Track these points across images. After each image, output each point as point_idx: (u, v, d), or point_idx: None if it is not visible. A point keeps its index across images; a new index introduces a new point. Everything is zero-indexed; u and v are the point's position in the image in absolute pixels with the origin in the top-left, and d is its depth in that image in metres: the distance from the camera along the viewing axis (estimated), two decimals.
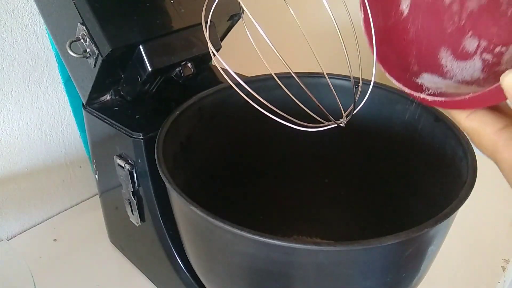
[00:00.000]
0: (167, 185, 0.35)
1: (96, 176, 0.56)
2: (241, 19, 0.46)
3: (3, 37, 0.53)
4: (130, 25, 0.43)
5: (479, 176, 0.36)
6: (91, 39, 0.42)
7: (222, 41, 0.56)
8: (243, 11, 0.36)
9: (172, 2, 0.47)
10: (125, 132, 0.45)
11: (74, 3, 0.42)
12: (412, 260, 0.34)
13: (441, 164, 0.42)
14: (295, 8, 0.41)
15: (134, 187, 0.47)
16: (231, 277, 0.36)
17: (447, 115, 0.33)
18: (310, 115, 0.38)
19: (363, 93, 0.41)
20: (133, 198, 0.48)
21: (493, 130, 0.29)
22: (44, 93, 0.59)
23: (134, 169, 0.46)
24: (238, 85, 0.36)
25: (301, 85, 0.35)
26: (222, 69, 0.35)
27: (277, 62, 0.35)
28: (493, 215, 0.67)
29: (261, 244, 0.31)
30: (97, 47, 0.42)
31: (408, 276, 0.36)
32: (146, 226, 0.50)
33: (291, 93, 0.39)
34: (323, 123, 0.38)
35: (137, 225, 0.51)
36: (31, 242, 0.62)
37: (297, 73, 0.37)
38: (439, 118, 0.43)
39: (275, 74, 0.40)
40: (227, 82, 0.39)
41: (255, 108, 0.36)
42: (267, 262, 0.32)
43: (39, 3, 0.48)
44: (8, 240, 0.62)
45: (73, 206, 0.69)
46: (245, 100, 0.37)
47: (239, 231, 0.30)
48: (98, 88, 0.48)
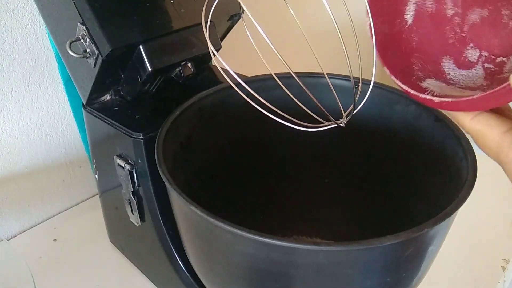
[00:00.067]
0: (167, 185, 0.35)
1: (96, 176, 0.56)
2: (241, 19, 0.46)
3: (3, 37, 0.53)
4: (130, 25, 0.43)
5: (479, 176, 0.36)
6: (91, 39, 0.42)
7: (222, 41, 0.56)
8: (243, 11, 0.36)
9: (172, 2, 0.47)
10: (125, 132, 0.45)
11: (74, 3, 0.42)
12: (412, 260, 0.34)
13: (441, 164, 0.42)
14: (295, 8, 0.41)
15: (134, 187, 0.47)
16: (231, 277, 0.36)
17: (450, 117, 0.33)
18: (310, 115, 0.38)
19: (363, 93, 0.41)
20: (133, 198, 0.48)
21: (498, 132, 0.30)
22: (44, 93, 0.59)
23: (134, 169, 0.46)
24: (238, 85, 0.36)
25: (301, 85, 0.35)
26: (222, 69, 0.35)
27: (277, 62, 0.35)
28: (493, 215, 0.67)
29: (261, 244, 0.31)
30: (97, 47, 0.42)
31: (408, 276, 0.36)
32: (146, 226, 0.50)
33: (291, 93, 0.39)
34: (323, 123, 0.38)
35: (137, 225, 0.51)
36: (31, 242, 0.62)
37: (297, 73, 0.37)
38: (439, 118, 0.43)
39: (275, 74, 0.40)
40: (227, 82, 0.39)
41: (255, 108, 0.36)
42: (267, 262, 0.32)
43: (39, 3, 0.48)
44: (8, 240, 0.62)
45: (73, 206, 0.69)
46: (245, 100, 0.37)
47: (239, 231, 0.30)
48: (98, 88, 0.48)
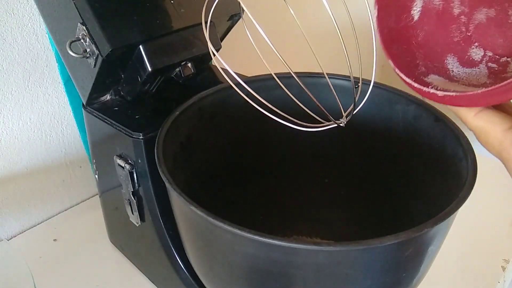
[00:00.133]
0: (167, 185, 0.35)
1: (96, 176, 0.56)
2: (241, 19, 0.46)
3: (3, 37, 0.53)
4: (130, 25, 0.43)
5: (479, 176, 0.36)
6: (91, 39, 0.42)
7: (222, 41, 0.56)
8: (243, 11, 0.36)
9: (172, 2, 0.47)
10: (125, 132, 0.45)
11: (74, 3, 0.42)
12: (412, 260, 0.34)
13: (441, 164, 0.42)
14: (295, 8, 0.41)
15: (134, 187, 0.47)
16: (231, 277, 0.36)
17: (453, 112, 0.33)
18: (310, 115, 0.38)
19: (363, 93, 0.41)
20: (133, 198, 0.48)
21: (500, 129, 0.30)
22: (44, 93, 0.59)
23: (134, 169, 0.46)
24: (238, 85, 0.36)
25: (301, 85, 0.35)
26: (222, 69, 0.35)
27: (277, 62, 0.35)
28: (493, 215, 0.67)
29: (261, 244, 0.31)
30: (97, 47, 0.42)
31: (408, 276, 0.36)
32: (146, 226, 0.50)
33: (291, 93, 0.39)
34: (323, 123, 0.38)
35: (137, 225, 0.51)
36: (31, 242, 0.62)
37: (297, 73, 0.37)
38: (439, 118, 0.43)
39: (275, 74, 0.40)
40: (227, 82, 0.39)
41: (255, 108, 0.36)
42: (267, 262, 0.32)
43: (39, 3, 0.48)
44: (8, 240, 0.62)
45: (73, 206, 0.69)
46: (245, 100, 0.37)
47: (239, 231, 0.30)
48: (98, 88, 0.48)
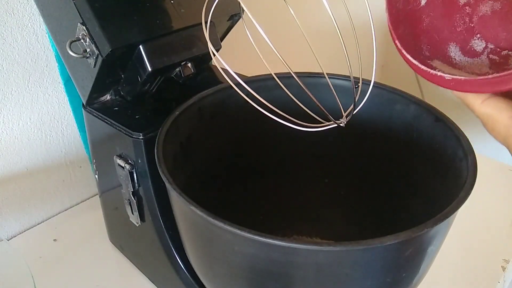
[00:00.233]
0: (167, 185, 0.35)
1: (96, 176, 0.56)
2: (241, 19, 0.46)
3: (3, 37, 0.53)
4: (130, 25, 0.43)
5: (479, 176, 0.36)
6: (91, 39, 0.42)
7: (222, 41, 0.56)
8: (243, 11, 0.36)
9: (172, 2, 0.47)
10: (125, 132, 0.45)
11: (74, 3, 0.42)
12: (412, 260, 0.34)
13: (441, 164, 0.42)
14: (295, 8, 0.41)
15: (134, 187, 0.47)
16: (231, 277, 0.36)
17: (460, 100, 0.33)
18: (310, 115, 0.38)
19: (363, 93, 0.41)
20: (133, 198, 0.48)
21: (508, 116, 0.30)
22: (44, 93, 0.59)
23: (134, 169, 0.46)
24: (238, 85, 0.36)
25: (301, 85, 0.35)
26: (222, 69, 0.35)
27: (277, 62, 0.35)
28: (493, 215, 0.67)
29: (261, 244, 0.31)
30: (97, 47, 0.42)
31: (408, 276, 0.36)
32: (146, 226, 0.50)
33: (291, 93, 0.39)
34: (323, 123, 0.38)
35: (137, 225, 0.51)
36: (31, 242, 0.62)
37: (297, 73, 0.37)
38: (439, 118, 0.43)
39: (275, 74, 0.40)
40: (227, 82, 0.39)
41: (255, 108, 0.36)
42: (267, 262, 0.32)
43: (39, 3, 0.47)
44: (8, 240, 0.62)
45: (73, 206, 0.69)
46: (245, 100, 0.37)
47: (239, 231, 0.30)
48: (98, 88, 0.48)
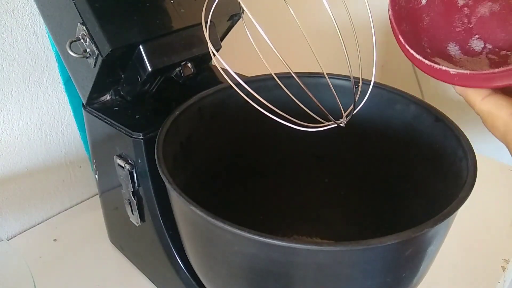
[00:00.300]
0: (167, 185, 0.35)
1: (96, 176, 0.56)
2: (241, 19, 0.46)
3: (3, 37, 0.53)
4: (130, 25, 0.43)
5: (479, 176, 0.36)
6: (91, 39, 0.42)
7: (222, 41, 0.56)
8: (243, 11, 0.36)
9: (172, 2, 0.47)
10: (125, 132, 0.45)
11: (74, 3, 0.42)
12: (412, 260, 0.34)
13: (441, 164, 0.42)
14: (295, 8, 0.41)
15: (134, 187, 0.47)
16: (231, 277, 0.36)
17: (462, 96, 0.33)
18: (310, 115, 0.38)
19: (363, 93, 0.41)
20: (133, 198, 0.48)
21: (507, 112, 0.31)
22: (44, 93, 0.59)
23: (134, 169, 0.46)
24: (238, 85, 0.36)
25: (301, 85, 0.35)
26: (222, 69, 0.35)
27: (277, 62, 0.35)
28: (493, 215, 0.67)
29: (261, 244, 0.31)
30: (97, 47, 0.42)
31: (408, 276, 0.36)
32: (146, 226, 0.50)
33: (291, 93, 0.39)
34: (323, 123, 0.38)
35: (137, 225, 0.51)
36: (31, 242, 0.62)
37: (297, 73, 0.37)
38: (439, 118, 0.43)
39: (275, 74, 0.40)
40: (227, 82, 0.39)
41: (255, 108, 0.36)
42: (267, 262, 0.32)
43: (39, 3, 0.47)
44: (8, 240, 0.62)
45: (73, 206, 0.69)
46: (245, 100, 0.37)
47: (239, 231, 0.30)
48: (98, 88, 0.48)
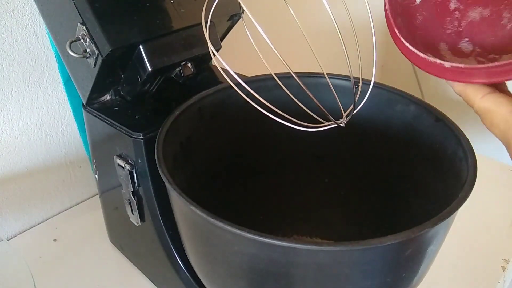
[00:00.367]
0: (167, 185, 0.35)
1: (96, 176, 0.56)
2: (241, 19, 0.46)
3: (3, 37, 0.53)
4: (130, 25, 0.43)
5: (479, 176, 0.36)
6: (91, 39, 0.42)
7: (222, 41, 0.56)
8: (243, 11, 0.36)
9: (172, 2, 0.47)
10: (125, 132, 0.45)
11: (74, 3, 0.42)
12: (412, 260, 0.34)
13: (441, 164, 0.42)
14: (295, 8, 0.41)
15: (134, 187, 0.47)
16: (231, 277, 0.36)
17: (461, 96, 0.34)
18: (310, 115, 0.38)
19: (363, 93, 0.41)
20: (133, 198, 0.48)
21: (507, 110, 0.32)
22: (44, 93, 0.59)
23: (134, 169, 0.46)
24: (238, 85, 0.36)
25: (301, 85, 0.35)
26: (222, 69, 0.35)
27: (277, 62, 0.35)
28: (493, 215, 0.67)
29: (261, 244, 0.31)
30: (97, 47, 0.42)
31: (408, 276, 0.36)
32: (146, 226, 0.50)
33: (291, 93, 0.39)
34: (323, 123, 0.38)
35: (137, 225, 0.51)
36: (31, 242, 0.62)
37: (297, 73, 0.37)
38: (439, 118, 0.43)
39: (275, 74, 0.40)
40: (227, 82, 0.39)
41: (255, 108, 0.36)
42: (267, 262, 0.32)
43: (39, 3, 0.47)
44: (8, 240, 0.62)
45: (73, 206, 0.69)
46: (245, 100, 0.37)
47: (239, 231, 0.30)
48: (98, 88, 0.48)
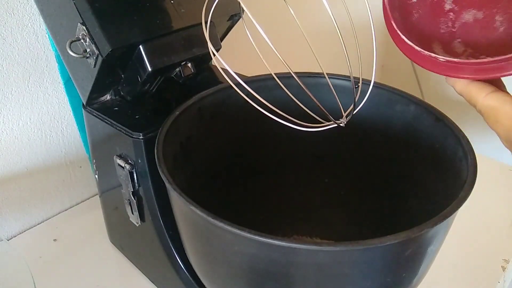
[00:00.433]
0: (167, 185, 0.35)
1: (96, 176, 0.56)
2: (241, 19, 0.46)
3: (3, 37, 0.53)
4: (130, 25, 0.43)
5: (479, 176, 0.36)
6: (91, 39, 0.42)
7: (222, 41, 0.56)
8: (243, 11, 0.36)
9: (172, 2, 0.47)
10: (125, 132, 0.45)
11: (74, 3, 0.42)
12: (412, 260, 0.34)
13: (441, 164, 0.42)
14: (295, 8, 0.41)
15: (134, 187, 0.47)
16: (231, 277, 0.36)
17: (462, 96, 0.34)
18: (310, 115, 0.38)
19: (363, 93, 0.41)
20: (133, 198, 0.48)
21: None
22: (44, 93, 0.59)
23: (134, 169, 0.46)
24: (238, 85, 0.36)
25: (301, 85, 0.35)
26: (222, 69, 0.35)
27: (277, 62, 0.35)
28: (493, 215, 0.67)
29: (261, 244, 0.31)
30: (97, 47, 0.42)
31: (408, 276, 0.36)
32: (146, 226, 0.50)
33: (291, 93, 0.39)
34: (323, 123, 0.38)
35: (137, 225, 0.51)
36: (31, 242, 0.62)
37: (297, 73, 0.37)
38: (439, 118, 0.43)
39: (275, 74, 0.40)
40: (227, 82, 0.39)
41: (255, 108, 0.36)
42: (267, 262, 0.32)
43: (39, 3, 0.47)
44: (8, 240, 0.62)
45: (73, 206, 0.69)
46: (245, 100, 0.37)
47: (239, 231, 0.30)
48: (98, 88, 0.48)
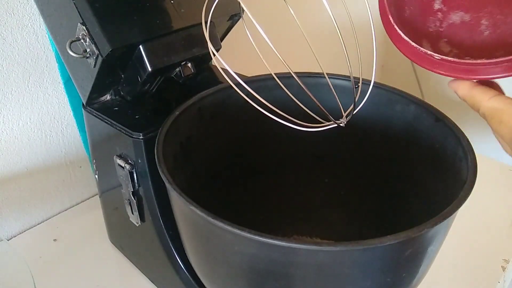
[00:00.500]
0: (167, 185, 0.35)
1: (96, 176, 0.56)
2: (241, 19, 0.46)
3: (3, 37, 0.53)
4: (130, 25, 0.43)
5: (479, 176, 0.36)
6: (91, 39, 0.42)
7: (222, 41, 0.56)
8: (243, 11, 0.36)
9: (172, 2, 0.47)
10: (125, 132, 0.45)
11: (74, 3, 0.42)
12: (412, 260, 0.34)
13: (441, 164, 0.42)
14: (295, 8, 0.41)
15: (134, 187, 0.47)
16: (231, 277, 0.36)
17: (465, 101, 0.34)
18: (310, 115, 0.38)
19: (363, 93, 0.41)
20: (133, 198, 0.48)
21: None
22: (44, 93, 0.59)
23: (134, 169, 0.46)
24: (238, 85, 0.36)
25: (301, 85, 0.35)
26: (222, 69, 0.35)
27: (277, 62, 0.35)
28: (493, 215, 0.67)
29: (261, 244, 0.31)
30: (97, 47, 0.42)
31: (408, 276, 0.36)
32: (146, 226, 0.50)
33: (291, 93, 0.39)
34: (323, 123, 0.38)
35: (137, 225, 0.51)
36: (31, 242, 0.62)
37: (297, 73, 0.37)
38: (439, 118, 0.43)
39: (275, 74, 0.41)
40: (227, 82, 0.39)
41: (255, 108, 0.36)
42: (267, 262, 0.32)
43: (39, 3, 0.47)
44: (8, 240, 0.62)
45: (73, 206, 0.69)
46: (245, 100, 0.37)
47: (239, 231, 0.30)
48: (98, 88, 0.48)
